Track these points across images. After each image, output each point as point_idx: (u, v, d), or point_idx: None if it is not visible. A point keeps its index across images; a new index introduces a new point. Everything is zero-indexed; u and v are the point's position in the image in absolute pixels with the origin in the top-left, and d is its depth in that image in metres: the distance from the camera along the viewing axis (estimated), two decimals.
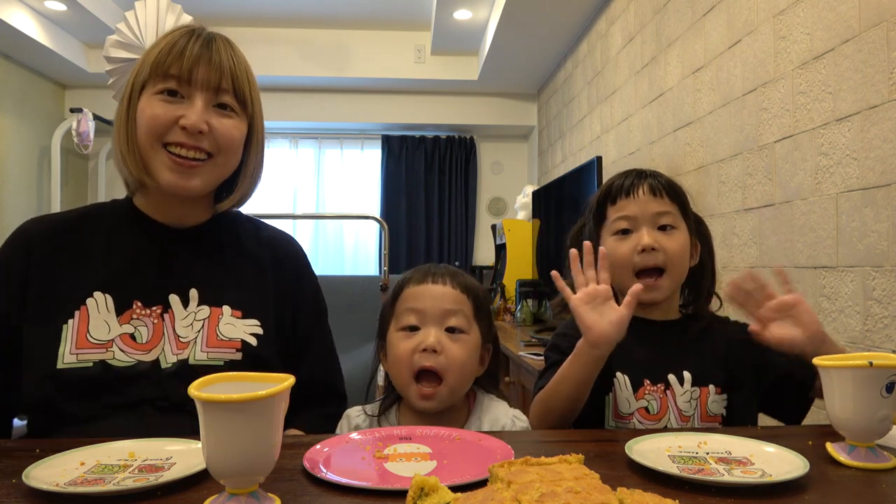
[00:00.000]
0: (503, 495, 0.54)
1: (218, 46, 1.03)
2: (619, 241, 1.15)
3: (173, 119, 0.99)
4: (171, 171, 1.00)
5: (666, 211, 1.15)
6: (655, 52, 2.67)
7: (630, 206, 1.16)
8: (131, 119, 1.01)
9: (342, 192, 5.33)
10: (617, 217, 1.17)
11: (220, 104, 1.02)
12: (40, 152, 4.55)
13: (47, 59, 4.24)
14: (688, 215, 1.19)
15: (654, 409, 1.10)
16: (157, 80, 1.00)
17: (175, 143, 1.00)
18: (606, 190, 1.20)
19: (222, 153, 1.03)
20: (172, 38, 1.02)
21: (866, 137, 1.46)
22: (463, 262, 5.28)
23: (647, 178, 1.17)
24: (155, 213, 1.08)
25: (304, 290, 1.17)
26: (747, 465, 0.75)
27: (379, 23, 4.63)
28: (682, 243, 1.15)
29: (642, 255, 1.13)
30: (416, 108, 5.16)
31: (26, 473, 0.68)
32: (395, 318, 1.10)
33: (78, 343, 0.96)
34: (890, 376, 0.76)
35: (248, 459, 0.60)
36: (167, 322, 1.02)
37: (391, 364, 1.09)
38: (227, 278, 1.08)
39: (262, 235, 1.16)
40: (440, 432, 0.90)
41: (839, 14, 1.55)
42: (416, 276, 1.11)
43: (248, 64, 1.07)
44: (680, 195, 1.18)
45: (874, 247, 1.44)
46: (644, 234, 1.13)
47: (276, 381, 0.62)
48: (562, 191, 3.37)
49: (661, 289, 1.14)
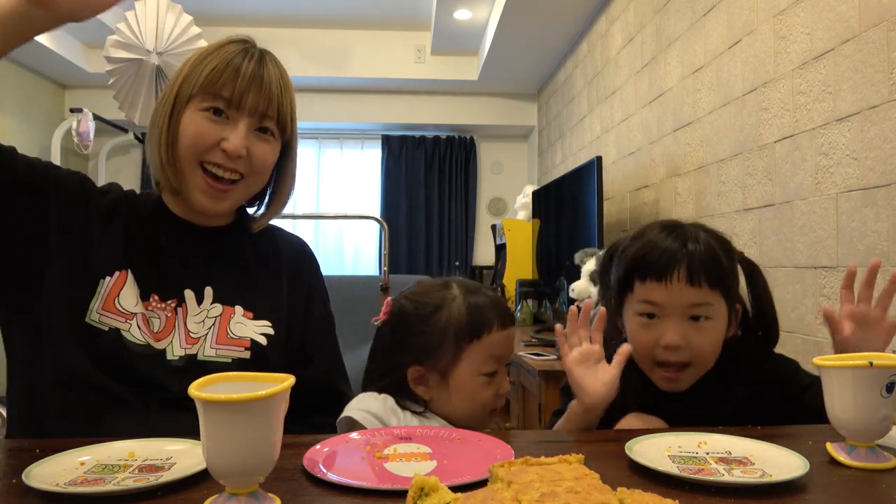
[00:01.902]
0: (503, 495, 0.54)
1: (268, 69, 1.03)
2: (643, 327, 1.03)
3: (216, 140, 1.00)
4: (203, 193, 1.02)
5: (702, 302, 1.00)
6: (655, 52, 2.67)
7: (660, 292, 1.00)
8: (173, 129, 1.01)
9: (342, 192, 5.33)
10: (643, 299, 1.03)
11: (261, 128, 1.03)
12: (40, 152, 4.55)
13: (47, 59, 4.24)
14: (730, 294, 1.03)
15: None
16: (206, 97, 1.00)
17: (213, 163, 1.01)
18: (636, 260, 1.03)
19: (254, 175, 1.04)
20: (227, 56, 1.01)
21: (866, 137, 1.46)
22: (463, 262, 5.28)
23: (686, 258, 0.99)
24: (182, 212, 1.09)
25: (314, 299, 1.18)
26: (747, 465, 0.75)
27: (379, 23, 4.63)
28: (715, 337, 1.02)
29: (665, 351, 1.01)
30: (416, 108, 5.16)
31: (26, 473, 0.68)
32: (469, 360, 1.04)
33: (105, 304, 0.97)
34: (890, 376, 0.76)
35: (248, 459, 0.60)
36: (180, 316, 1.03)
37: (464, 403, 1.06)
38: (242, 280, 1.10)
39: (279, 242, 1.18)
40: (440, 432, 0.90)
41: (839, 14, 1.55)
42: (496, 319, 1.05)
43: (291, 85, 1.07)
44: (723, 278, 1.01)
45: (874, 247, 1.44)
46: (670, 331, 1.00)
47: (276, 381, 0.62)
48: (562, 191, 3.37)
49: (682, 381, 1.04)
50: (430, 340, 1.04)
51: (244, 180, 1.04)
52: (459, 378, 1.04)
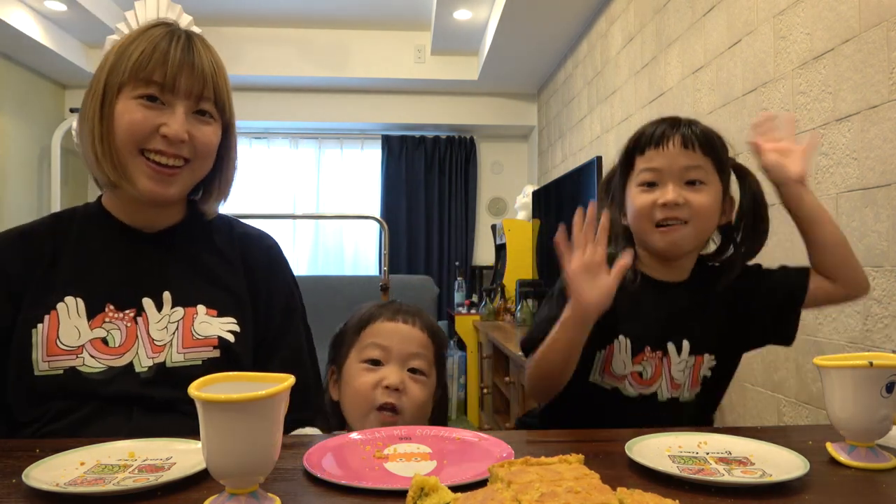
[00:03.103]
0: (503, 495, 0.54)
1: (199, 50, 1.01)
2: (643, 193, 1.11)
3: (154, 126, 0.97)
4: (149, 178, 0.99)
5: (696, 165, 1.09)
6: (655, 52, 2.67)
7: (658, 158, 1.09)
8: (106, 120, 0.98)
9: (342, 192, 5.32)
10: (644, 168, 1.11)
11: (199, 110, 1.01)
12: (40, 152, 4.55)
13: (47, 59, 4.23)
14: (723, 170, 1.12)
15: (648, 375, 1.11)
16: (137, 84, 0.97)
17: (154, 151, 0.98)
18: (636, 139, 1.14)
19: (199, 159, 1.02)
20: (152, 40, 0.98)
21: (866, 137, 1.46)
22: (463, 262, 5.28)
23: (680, 129, 1.10)
24: (125, 216, 1.06)
25: (276, 288, 1.14)
26: (747, 465, 0.75)
27: (379, 23, 4.63)
28: (711, 200, 1.09)
29: (664, 209, 1.08)
30: (416, 108, 5.16)
31: (26, 473, 0.68)
32: (356, 348, 1.11)
33: (49, 350, 0.95)
34: (890, 376, 0.76)
35: (248, 459, 0.60)
36: (141, 326, 1.00)
37: (348, 395, 1.10)
38: (201, 278, 1.07)
39: (234, 233, 1.15)
40: (440, 432, 0.90)
41: (839, 14, 1.55)
42: (386, 313, 1.12)
43: (224, 66, 1.05)
44: (715, 148, 1.11)
45: (874, 247, 1.44)
46: (669, 190, 1.08)
47: (276, 381, 0.62)
48: (562, 191, 3.37)
49: (679, 238, 1.09)
50: (338, 341, 1.16)
51: (189, 164, 1.01)
52: (347, 367, 1.11)
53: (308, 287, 1.31)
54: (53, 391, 0.95)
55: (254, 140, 5.25)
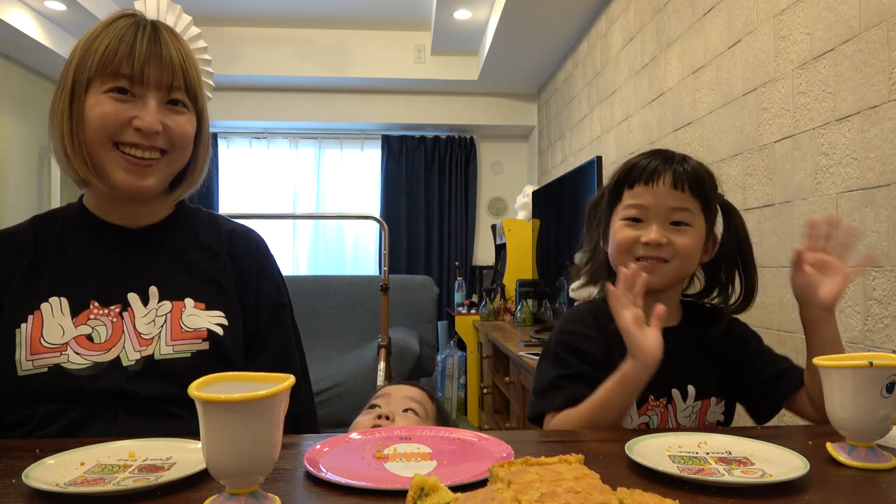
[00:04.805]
0: (503, 495, 0.54)
1: (166, 41, 1.00)
2: (627, 227, 1.10)
3: (126, 119, 0.96)
4: (125, 171, 0.98)
5: (683, 207, 1.08)
6: (655, 52, 2.67)
7: (646, 195, 1.08)
8: (76, 116, 0.97)
9: (342, 192, 5.32)
10: (630, 204, 1.10)
11: (172, 100, 1.00)
12: (40, 152, 4.55)
13: (47, 59, 4.23)
14: (710, 210, 1.12)
15: (654, 424, 1.08)
16: (105, 78, 0.96)
17: (129, 144, 0.97)
18: (628, 171, 1.12)
19: (176, 149, 1.02)
20: (118, 33, 0.97)
21: (866, 137, 1.46)
22: (463, 262, 5.28)
23: (672, 166, 1.08)
24: (106, 214, 1.06)
25: (265, 284, 1.14)
26: (747, 465, 0.75)
27: (379, 23, 4.63)
28: (694, 241, 1.09)
29: (646, 248, 1.08)
30: (416, 108, 5.16)
31: (26, 473, 0.68)
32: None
33: (32, 349, 0.95)
34: (890, 376, 0.76)
35: (248, 459, 0.60)
36: (127, 320, 0.99)
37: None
38: (187, 273, 1.06)
39: (221, 229, 1.14)
40: (440, 432, 0.90)
41: (839, 14, 1.55)
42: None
43: (193, 55, 1.05)
44: (705, 189, 1.10)
45: (874, 247, 1.44)
46: (653, 230, 1.07)
47: (277, 381, 0.62)
48: (562, 191, 3.37)
49: (659, 273, 1.08)
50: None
51: (167, 155, 1.01)
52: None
53: (308, 287, 1.31)
54: (38, 391, 0.94)
55: (254, 140, 5.25)
